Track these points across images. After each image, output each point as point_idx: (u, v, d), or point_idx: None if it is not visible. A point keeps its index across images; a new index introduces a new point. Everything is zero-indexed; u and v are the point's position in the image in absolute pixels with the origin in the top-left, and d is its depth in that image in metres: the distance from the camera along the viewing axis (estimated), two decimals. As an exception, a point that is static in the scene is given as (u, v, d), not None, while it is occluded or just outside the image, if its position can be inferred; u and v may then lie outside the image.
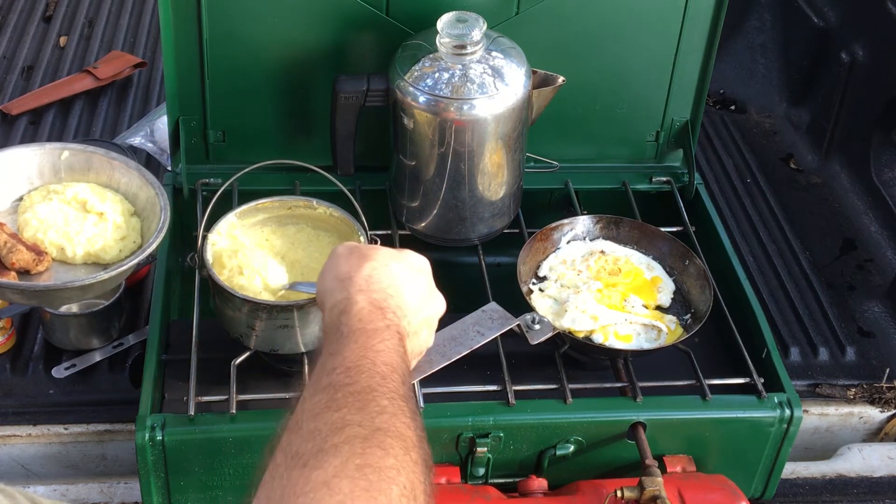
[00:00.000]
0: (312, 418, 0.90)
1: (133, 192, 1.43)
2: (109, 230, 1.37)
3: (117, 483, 1.55)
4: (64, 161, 1.42)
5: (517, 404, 1.41)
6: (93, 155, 1.43)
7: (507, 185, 1.62)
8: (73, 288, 1.29)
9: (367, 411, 0.90)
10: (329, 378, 0.96)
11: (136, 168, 1.43)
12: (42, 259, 1.31)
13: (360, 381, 0.94)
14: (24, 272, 1.30)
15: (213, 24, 1.59)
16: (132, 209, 1.42)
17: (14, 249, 1.28)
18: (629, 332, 1.51)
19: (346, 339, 1.03)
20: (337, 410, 0.90)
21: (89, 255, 1.36)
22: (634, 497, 1.31)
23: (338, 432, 0.87)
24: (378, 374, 0.96)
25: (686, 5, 1.67)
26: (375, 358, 0.99)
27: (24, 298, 1.33)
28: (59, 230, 1.35)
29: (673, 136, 1.80)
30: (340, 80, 1.55)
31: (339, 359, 0.99)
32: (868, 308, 1.93)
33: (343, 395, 0.92)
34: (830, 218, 2.14)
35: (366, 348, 1.00)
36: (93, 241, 1.36)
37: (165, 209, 1.37)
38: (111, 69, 2.35)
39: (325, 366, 0.99)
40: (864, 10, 2.18)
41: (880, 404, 1.74)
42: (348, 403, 0.91)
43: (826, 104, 2.27)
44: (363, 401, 0.91)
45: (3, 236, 1.29)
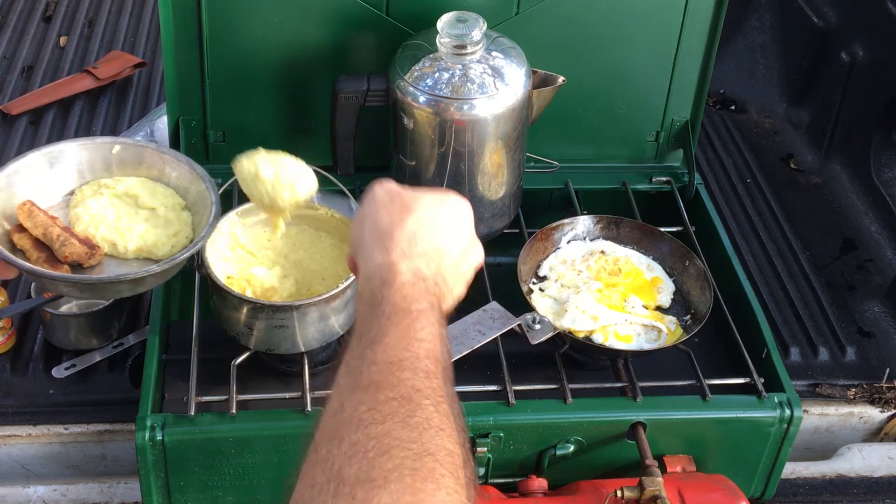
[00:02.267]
0: (354, 429, 0.83)
1: (184, 186, 1.42)
2: (161, 225, 1.37)
3: (117, 483, 1.55)
4: (115, 155, 1.41)
5: (517, 404, 1.40)
6: (144, 149, 1.42)
7: (508, 185, 1.62)
8: (125, 281, 1.28)
9: (412, 425, 0.83)
10: (370, 374, 0.88)
11: (187, 162, 1.42)
12: (95, 252, 1.30)
13: (404, 381, 0.87)
14: (76, 265, 1.29)
15: (213, 24, 1.59)
16: (183, 203, 1.41)
17: (67, 243, 1.27)
18: (629, 333, 1.51)
19: (388, 320, 0.95)
20: (382, 423, 0.83)
21: (141, 250, 1.35)
22: (634, 497, 1.31)
23: (384, 454, 0.80)
24: (422, 371, 0.89)
25: (686, 5, 1.67)
26: (419, 350, 0.92)
27: (76, 291, 1.33)
28: (110, 225, 1.35)
29: (673, 136, 1.80)
30: (340, 80, 1.55)
31: (380, 348, 0.91)
32: (868, 308, 1.93)
33: (386, 400, 0.85)
34: (830, 218, 2.14)
35: (409, 338, 0.93)
36: (144, 235, 1.35)
37: (216, 203, 1.36)
38: (111, 69, 2.35)
39: (366, 355, 0.91)
40: (864, 10, 2.18)
41: (880, 404, 1.74)
42: (393, 412, 0.84)
43: (826, 104, 2.27)
44: (409, 409, 0.84)
45: (57, 230, 1.28)
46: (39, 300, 1.63)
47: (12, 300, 1.75)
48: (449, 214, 1.07)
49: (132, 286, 1.31)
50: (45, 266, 1.26)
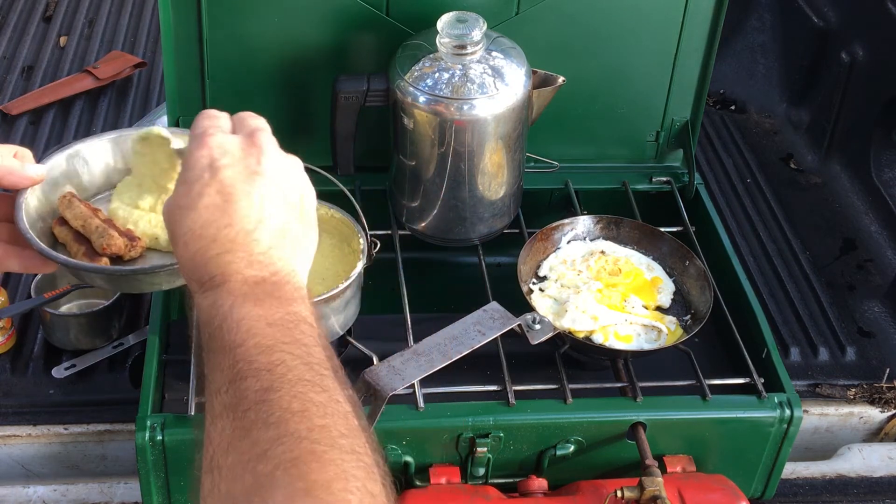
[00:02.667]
0: (224, 452, 0.80)
1: None
2: None
3: (117, 483, 1.55)
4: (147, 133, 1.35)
5: (517, 404, 1.40)
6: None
7: (507, 185, 1.62)
8: (162, 272, 1.23)
9: (273, 422, 0.79)
10: (221, 401, 0.83)
11: None
12: (135, 245, 1.26)
13: (248, 389, 0.82)
14: (116, 258, 1.25)
15: (213, 24, 1.59)
16: None
17: (106, 234, 1.23)
18: (629, 333, 1.51)
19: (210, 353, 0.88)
20: (246, 436, 0.79)
21: None
22: (634, 497, 1.31)
23: (261, 461, 0.77)
24: (264, 370, 0.83)
25: (686, 5, 1.67)
26: (247, 354, 0.84)
27: (113, 284, 1.29)
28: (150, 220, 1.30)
29: (673, 136, 1.80)
30: (340, 80, 1.55)
31: (213, 377, 0.86)
32: (868, 308, 1.93)
33: (243, 414, 0.81)
34: (830, 218, 2.14)
35: (228, 352, 0.85)
36: None
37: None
38: (111, 69, 2.35)
39: (210, 390, 0.86)
40: (864, 10, 2.18)
41: (880, 404, 1.74)
42: (252, 422, 0.80)
43: (826, 104, 2.27)
44: (265, 411, 0.80)
45: (96, 221, 1.24)
46: (39, 300, 1.63)
47: (12, 300, 1.75)
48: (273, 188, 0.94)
49: (169, 278, 1.26)
50: (84, 259, 1.22)
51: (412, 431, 1.38)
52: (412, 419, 1.38)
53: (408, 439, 1.38)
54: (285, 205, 0.95)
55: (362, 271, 1.45)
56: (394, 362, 1.30)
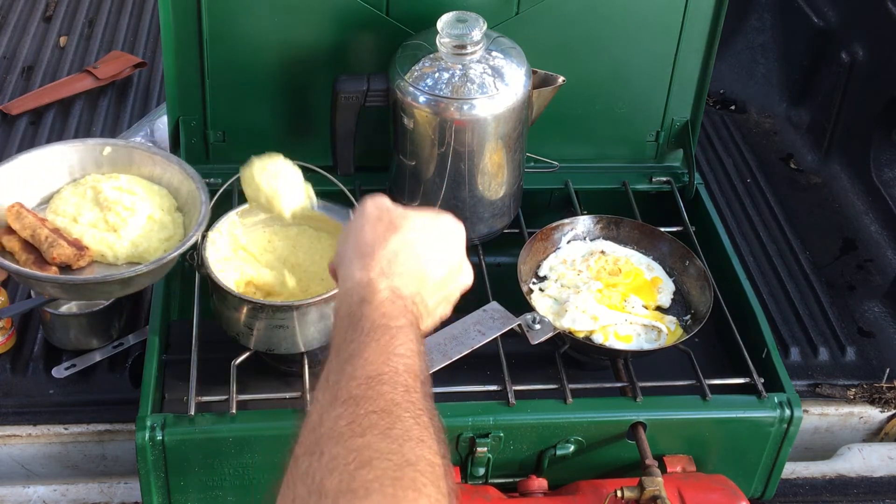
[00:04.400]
0: (335, 442, 0.83)
1: (175, 186, 1.42)
2: (155, 230, 1.36)
3: (117, 483, 1.55)
4: (106, 157, 1.41)
5: (517, 404, 1.40)
6: (134, 150, 1.43)
7: (507, 185, 1.62)
8: (113, 282, 1.28)
9: (392, 437, 0.83)
10: (349, 388, 0.88)
11: (178, 162, 1.41)
12: (83, 254, 1.30)
13: (383, 395, 0.88)
14: (65, 267, 1.29)
15: (213, 24, 1.59)
16: (176, 204, 1.41)
17: (55, 244, 1.27)
18: (629, 333, 1.51)
19: (367, 336, 0.95)
20: (362, 435, 0.83)
21: (133, 257, 1.34)
22: (634, 497, 1.31)
23: (365, 466, 0.80)
24: (401, 385, 0.90)
25: (686, 5, 1.67)
26: (398, 364, 0.92)
27: (64, 293, 1.33)
28: (98, 234, 1.34)
29: (673, 136, 1.80)
30: (340, 80, 1.55)
31: (359, 363, 0.92)
32: (868, 308, 1.93)
33: (366, 413, 0.85)
34: (830, 218, 2.14)
35: (388, 353, 0.93)
36: (137, 242, 1.34)
37: (206, 203, 1.36)
38: (111, 69, 2.35)
39: (345, 370, 0.91)
40: (864, 10, 2.18)
41: (880, 404, 1.74)
42: (373, 424, 0.84)
43: (826, 104, 2.27)
44: (388, 422, 0.85)
45: (45, 231, 1.28)
46: (39, 300, 1.62)
47: (12, 300, 1.75)
48: (437, 237, 1.08)
49: (122, 286, 1.31)
50: (33, 268, 1.26)
51: (412, 431, 1.38)
52: (412, 419, 1.38)
53: (408, 439, 1.38)
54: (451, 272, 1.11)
55: (362, 271, 1.44)
56: (394, 362, 1.30)
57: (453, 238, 1.11)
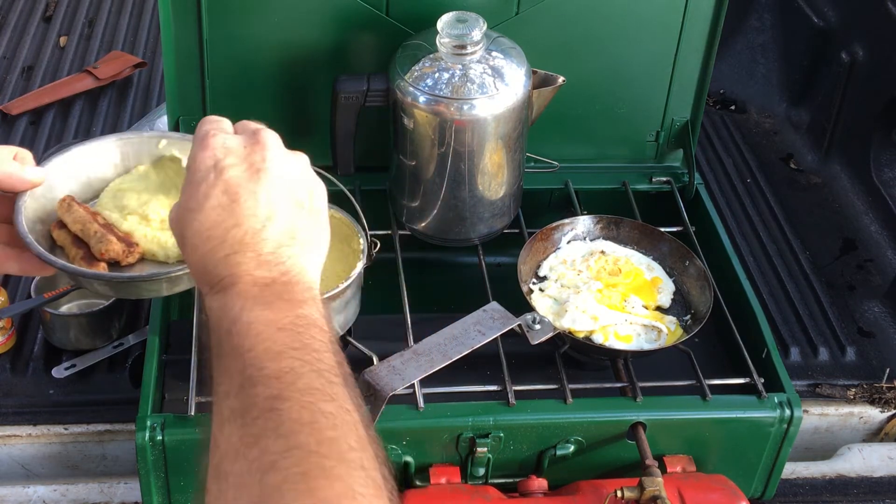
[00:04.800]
0: (233, 459, 0.79)
1: None
2: None
3: (117, 483, 1.55)
4: (163, 149, 1.33)
5: (517, 404, 1.40)
6: (188, 143, 1.36)
7: (507, 185, 1.62)
8: (160, 280, 1.22)
9: (284, 433, 0.78)
10: (229, 405, 0.83)
11: None
12: (132, 251, 1.24)
13: (258, 396, 0.81)
14: (113, 263, 1.23)
15: (213, 24, 1.59)
16: None
17: (104, 239, 1.21)
18: (629, 333, 1.51)
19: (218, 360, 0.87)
20: (255, 444, 0.79)
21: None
22: (634, 497, 1.31)
23: (270, 471, 0.76)
24: (273, 378, 0.82)
25: (686, 5, 1.67)
26: (257, 357, 0.84)
27: (110, 290, 1.27)
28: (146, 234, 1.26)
29: (673, 136, 1.80)
30: (340, 80, 1.55)
31: (221, 379, 0.85)
32: (868, 308, 1.93)
33: (252, 421, 0.80)
34: (830, 218, 2.14)
35: (238, 356, 0.85)
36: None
37: None
38: (111, 69, 2.35)
39: (218, 394, 0.85)
40: (864, 10, 2.18)
41: (880, 404, 1.74)
42: (261, 430, 0.79)
43: (826, 104, 2.27)
44: (275, 420, 0.79)
45: (95, 226, 1.22)
46: (39, 300, 1.63)
47: (12, 300, 1.75)
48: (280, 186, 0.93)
49: (169, 285, 1.25)
50: (82, 264, 1.20)
51: (412, 431, 1.38)
52: (412, 419, 1.38)
53: (408, 439, 1.38)
54: (293, 202, 0.94)
55: (362, 271, 1.45)
56: (394, 362, 1.30)
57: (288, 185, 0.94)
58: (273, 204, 0.92)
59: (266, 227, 0.91)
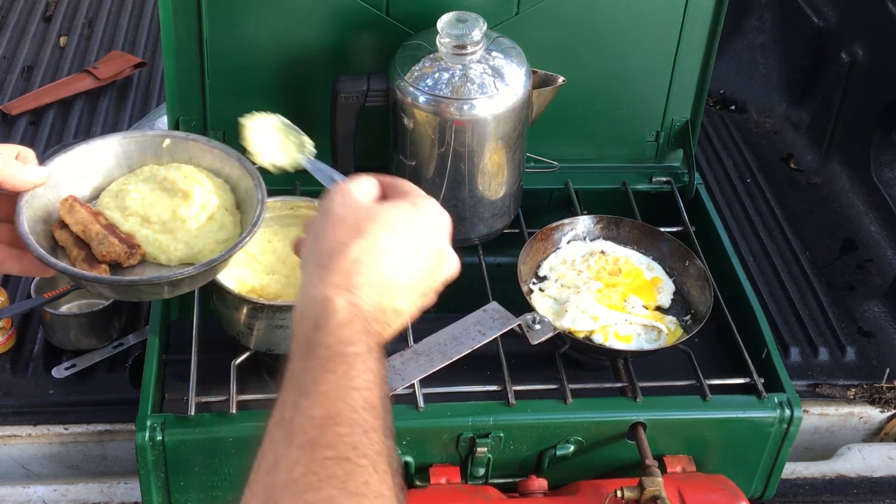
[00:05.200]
0: (290, 493, 0.79)
1: (233, 182, 1.32)
2: (213, 230, 1.26)
3: (117, 483, 1.55)
4: (166, 148, 1.32)
5: (517, 404, 1.41)
6: (192, 143, 1.32)
7: (507, 185, 1.62)
8: (161, 283, 1.20)
9: (350, 490, 0.80)
10: (304, 429, 0.84)
11: (237, 157, 1.31)
12: (134, 252, 1.22)
13: (341, 437, 0.83)
14: (115, 264, 1.22)
15: (213, 24, 1.59)
16: (235, 201, 1.31)
17: (105, 241, 1.20)
18: (629, 333, 1.51)
19: (322, 367, 0.89)
20: (319, 489, 0.79)
21: (187, 258, 1.25)
22: (634, 497, 1.31)
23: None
24: (360, 425, 0.85)
25: (686, 5, 1.67)
26: (356, 400, 0.86)
27: (112, 292, 1.26)
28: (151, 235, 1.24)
29: (673, 136, 1.80)
30: (340, 80, 1.55)
31: (316, 399, 0.86)
32: (868, 308, 1.93)
33: (323, 461, 0.81)
34: (830, 218, 2.14)
35: (345, 387, 0.87)
36: (192, 243, 1.25)
37: (262, 202, 1.26)
38: (111, 69, 2.35)
39: (300, 405, 0.86)
40: (864, 10, 2.18)
41: (880, 404, 1.74)
42: (331, 475, 0.80)
43: (826, 104, 2.27)
44: (347, 471, 0.81)
45: (97, 227, 1.20)
46: (39, 300, 1.63)
47: (12, 300, 1.75)
48: (411, 235, 0.98)
49: (171, 288, 1.24)
50: (83, 266, 1.19)
51: (412, 431, 1.38)
52: (412, 419, 1.38)
53: (408, 439, 1.38)
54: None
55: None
56: (394, 362, 1.30)
57: (431, 232, 1.01)
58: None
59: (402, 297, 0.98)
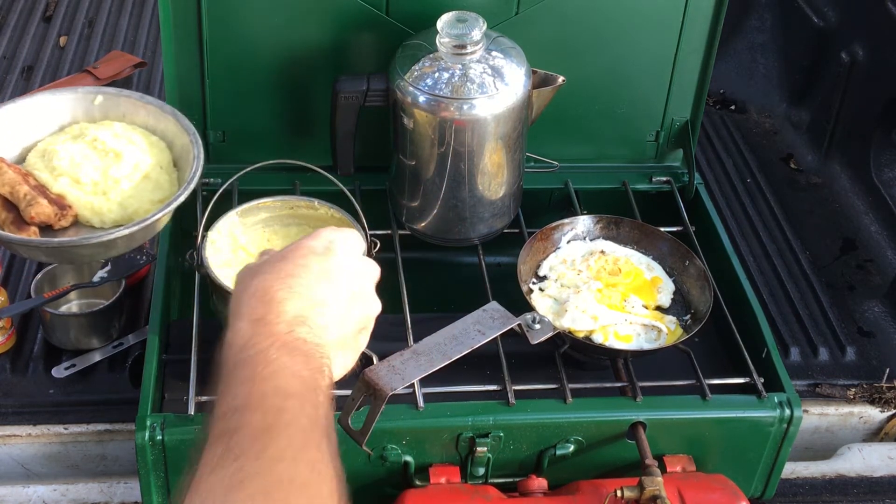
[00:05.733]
0: (209, 472, 0.82)
1: (169, 139, 1.27)
2: (149, 189, 1.21)
3: (117, 483, 1.55)
4: (98, 105, 1.27)
5: (517, 404, 1.41)
6: (125, 99, 1.28)
7: (507, 185, 1.62)
8: (92, 244, 1.15)
9: (265, 458, 0.82)
10: (218, 426, 0.87)
11: (172, 112, 1.27)
12: (65, 213, 1.16)
13: (254, 420, 0.86)
14: (45, 227, 1.17)
15: (213, 24, 1.59)
16: (171, 158, 1.25)
17: (34, 202, 1.14)
18: (629, 333, 1.51)
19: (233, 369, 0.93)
20: (235, 460, 0.82)
21: (122, 219, 1.20)
22: (634, 497, 1.31)
23: (236, 489, 0.80)
24: (273, 408, 0.87)
25: (686, 5, 1.67)
26: (266, 388, 0.89)
27: (43, 255, 1.20)
28: (83, 196, 1.19)
29: (673, 136, 1.80)
30: (340, 80, 1.55)
31: (228, 398, 0.90)
32: (868, 308, 1.93)
33: (238, 440, 0.84)
34: (830, 218, 2.14)
35: (255, 380, 0.90)
36: (127, 204, 1.20)
37: (199, 158, 1.22)
38: (111, 69, 2.35)
39: (216, 411, 0.90)
40: (864, 10, 2.18)
41: (880, 404, 1.74)
42: (244, 450, 0.83)
43: (826, 104, 2.27)
44: (261, 444, 0.83)
45: (25, 188, 1.14)
46: (39, 300, 1.63)
47: (12, 300, 1.75)
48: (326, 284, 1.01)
49: (104, 250, 1.19)
50: (11, 229, 1.14)
51: (412, 431, 1.38)
52: (412, 419, 1.38)
53: (408, 439, 1.38)
54: (348, 300, 1.03)
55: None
56: (394, 362, 1.30)
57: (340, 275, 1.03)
58: (335, 294, 1.01)
59: (325, 305, 0.99)
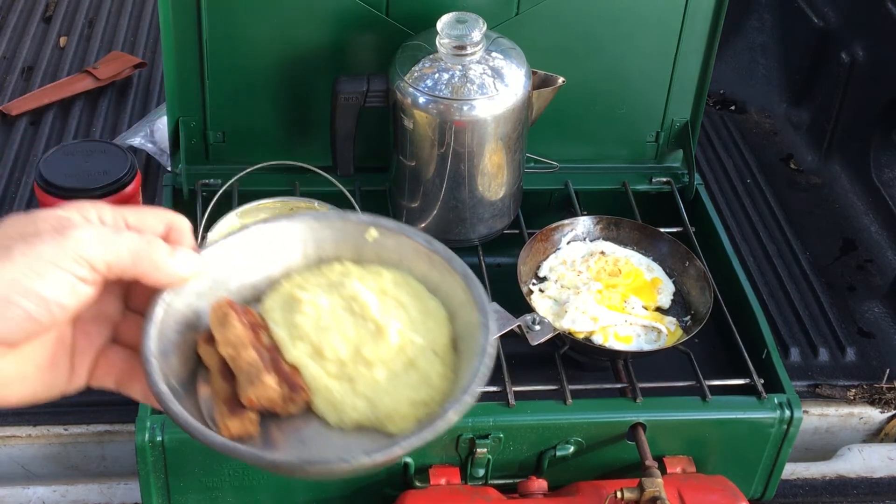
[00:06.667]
0: None
1: (451, 308, 0.91)
2: (411, 384, 0.84)
3: (117, 484, 1.55)
4: (370, 244, 0.89)
5: (517, 405, 1.40)
6: (408, 241, 0.89)
7: (507, 186, 1.62)
8: (319, 470, 0.80)
9: None
10: None
11: (463, 274, 0.88)
12: (295, 398, 0.82)
13: None
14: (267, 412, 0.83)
15: (212, 24, 1.59)
16: (449, 338, 0.89)
17: (255, 380, 0.80)
18: (629, 334, 1.51)
19: None
20: None
21: (366, 421, 0.82)
22: (634, 498, 1.31)
23: None
24: None
25: (686, 5, 1.67)
26: None
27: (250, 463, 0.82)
28: (333, 364, 0.83)
29: (673, 136, 1.80)
30: (340, 81, 1.55)
31: None
32: (868, 308, 1.92)
33: None
34: (830, 218, 2.14)
35: None
36: (377, 401, 0.82)
37: (484, 354, 0.86)
38: (111, 69, 2.35)
39: None
40: (864, 10, 2.17)
41: (880, 405, 1.74)
42: None
43: (826, 104, 2.27)
44: None
45: (251, 354, 0.81)
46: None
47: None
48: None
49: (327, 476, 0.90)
50: (222, 409, 0.83)
51: (412, 432, 1.38)
52: (412, 420, 1.38)
53: (408, 440, 1.38)
54: None
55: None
56: (394, 363, 1.30)
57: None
58: None
59: None
